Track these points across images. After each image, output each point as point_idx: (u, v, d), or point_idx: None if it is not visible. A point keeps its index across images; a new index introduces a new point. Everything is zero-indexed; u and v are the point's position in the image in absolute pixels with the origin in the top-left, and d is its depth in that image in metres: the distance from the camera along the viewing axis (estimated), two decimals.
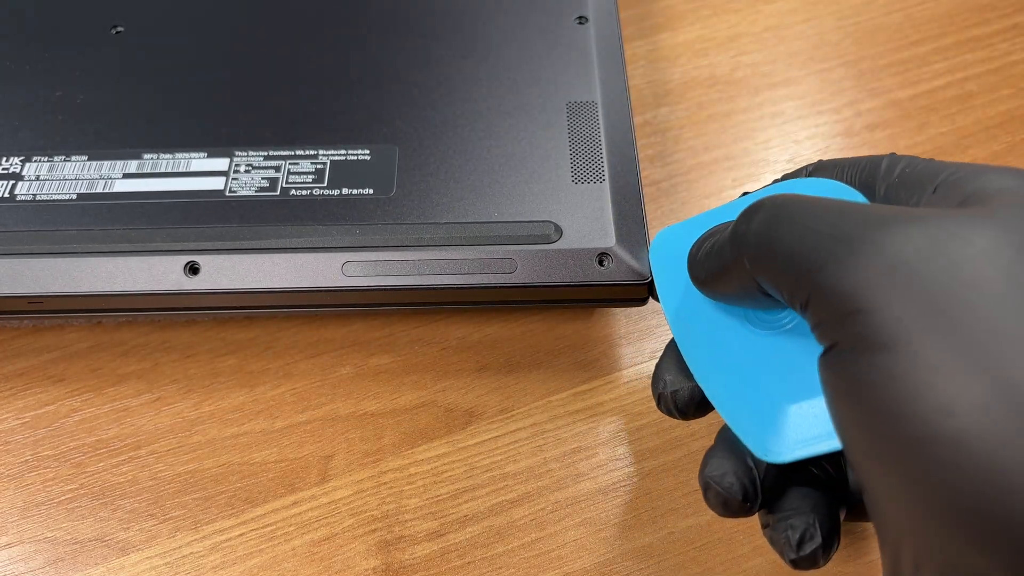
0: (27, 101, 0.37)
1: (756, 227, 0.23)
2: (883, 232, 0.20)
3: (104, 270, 0.32)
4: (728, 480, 0.24)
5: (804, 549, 0.23)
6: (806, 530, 0.23)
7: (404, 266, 0.32)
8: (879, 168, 0.25)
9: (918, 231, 0.19)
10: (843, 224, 0.20)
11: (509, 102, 0.36)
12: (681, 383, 0.27)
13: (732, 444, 0.25)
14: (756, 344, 0.25)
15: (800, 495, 0.24)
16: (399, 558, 0.31)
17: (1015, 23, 0.47)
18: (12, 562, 0.31)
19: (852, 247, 0.20)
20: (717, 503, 0.25)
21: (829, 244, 0.20)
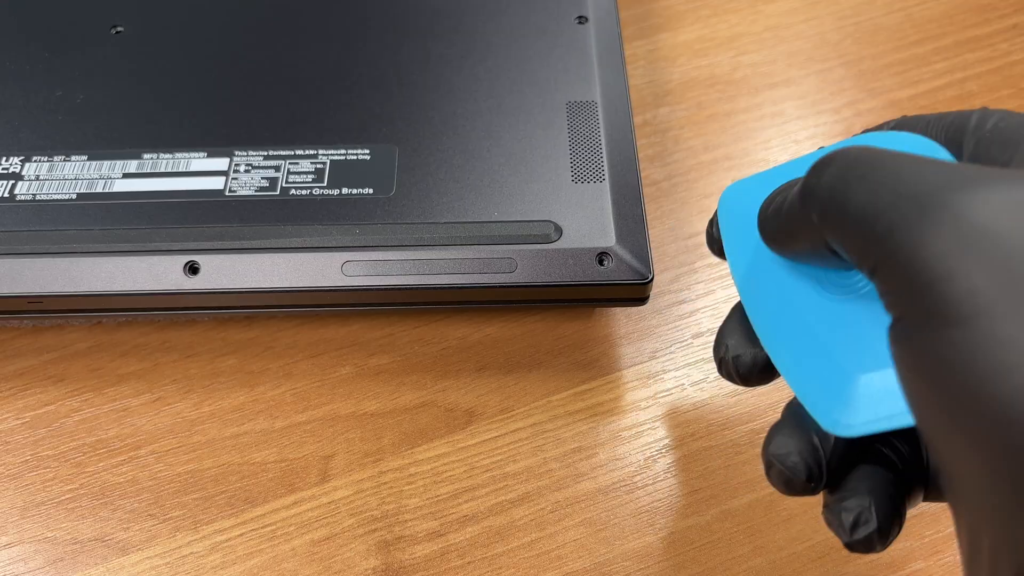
0: (27, 101, 0.37)
1: (827, 181, 0.21)
2: (964, 194, 0.18)
3: (104, 270, 0.32)
4: (792, 459, 0.23)
5: (857, 533, 0.22)
6: (860, 513, 0.22)
7: (404, 266, 0.32)
8: (968, 122, 0.23)
9: (1004, 194, 0.18)
10: (920, 183, 0.18)
11: (509, 102, 0.36)
12: (744, 348, 0.26)
13: (798, 420, 0.24)
14: (828, 308, 0.24)
15: (862, 475, 0.23)
16: (399, 558, 0.31)
17: (1015, 23, 0.47)
18: (12, 562, 0.31)
19: (928, 209, 0.18)
20: (780, 481, 0.23)
21: (903, 205, 0.18)
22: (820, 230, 0.21)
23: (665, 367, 0.36)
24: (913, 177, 0.19)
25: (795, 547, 0.32)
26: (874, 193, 0.19)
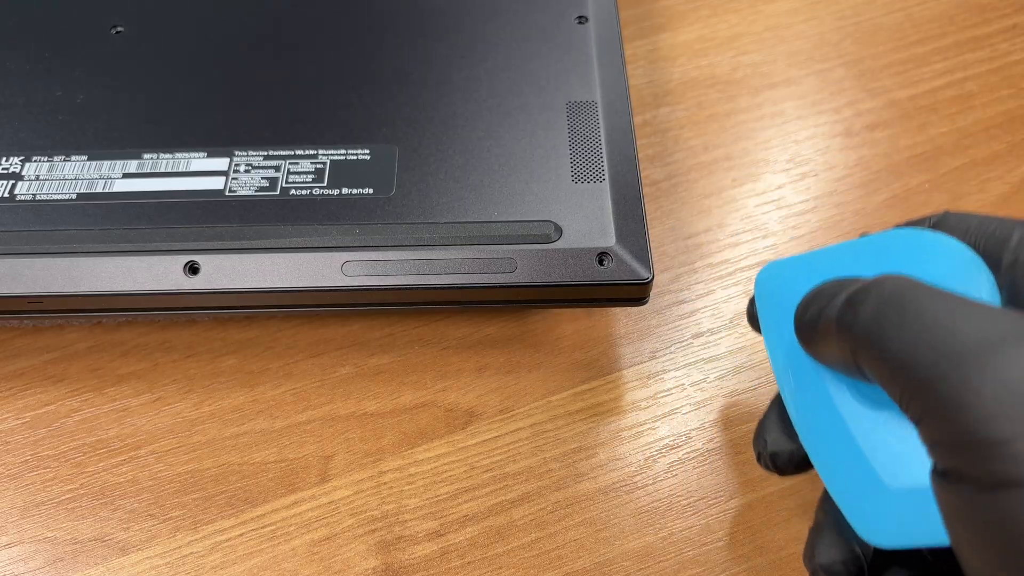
0: (27, 101, 0.37)
1: (865, 319, 0.21)
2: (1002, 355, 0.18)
3: (104, 270, 0.32)
4: (837, 568, 0.24)
5: None
6: None
7: (404, 266, 0.32)
8: (1010, 238, 0.23)
9: None
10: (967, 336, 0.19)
11: (509, 102, 0.36)
12: (782, 445, 0.26)
13: (838, 526, 0.24)
14: (865, 414, 0.24)
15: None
16: (399, 558, 0.31)
17: (1015, 23, 0.47)
18: (12, 562, 0.31)
19: (976, 366, 0.18)
20: None
21: (949, 360, 0.18)
22: (857, 363, 0.21)
23: (665, 367, 0.36)
24: (959, 328, 0.19)
25: (795, 547, 0.32)
26: (916, 343, 0.19)
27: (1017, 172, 0.41)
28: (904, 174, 0.41)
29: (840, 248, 0.27)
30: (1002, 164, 0.42)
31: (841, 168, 0.42)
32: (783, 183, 0.41)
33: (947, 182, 0.41)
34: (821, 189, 0.41)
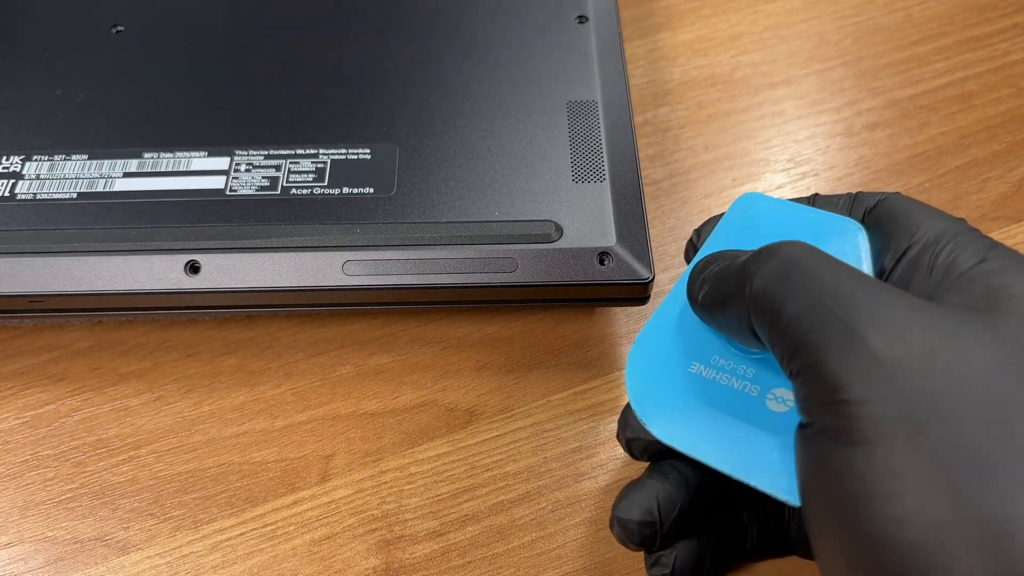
0: (27, 100, 0.37)
1: (766, 276, 0.22)
2: (885, 327, 0.20)
3: (104, 269, 0.32)
4: (631, 527, 0.26)
5: (652, 571, 0.27)
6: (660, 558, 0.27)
7: (405, 265, 0.32)
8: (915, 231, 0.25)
9: (919, 334, 0.20)
10: (850, 307, 0.21)
11: (509, 101, 0.36)
12: (641, 433, 0.28)
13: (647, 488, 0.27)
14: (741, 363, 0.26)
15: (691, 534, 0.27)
16: (399, 557, 0.31)
17: (1015, 23, 0.47)
18: (12, 562, 0.31)
19: (853, 336, 0.20)
20: (616, 539, 0.27)
21: (831, 327, 0.20)
22: (750, 318, 0.23)
23: None
24: (847, 299, 0.21)
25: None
26: (808, 306, 0.21)
27: (1017, 172, 0.41)
28: (904, 174, 0.41)
29: (826, 218, 0.28)
30: (1002, 164, 0.42)
31: (841, 168, 0.42)
32: (783, 183, 0.41)
33: (947, 182, 0.41)
34: (821, 189, 0.41)
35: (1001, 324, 0.20)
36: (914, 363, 0.19)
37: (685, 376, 0.26)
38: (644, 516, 0.26)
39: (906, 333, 0.20)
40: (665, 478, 0.27)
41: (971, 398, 0.19)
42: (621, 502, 0.27)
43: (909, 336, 0.20)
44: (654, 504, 0.26)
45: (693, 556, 0.27)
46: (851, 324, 0.20)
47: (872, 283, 0.21)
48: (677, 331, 0.28)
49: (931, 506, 0.18)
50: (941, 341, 0.20)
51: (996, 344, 0.20)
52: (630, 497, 0.27)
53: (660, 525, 0.26)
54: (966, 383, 0.19)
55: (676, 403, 0.26)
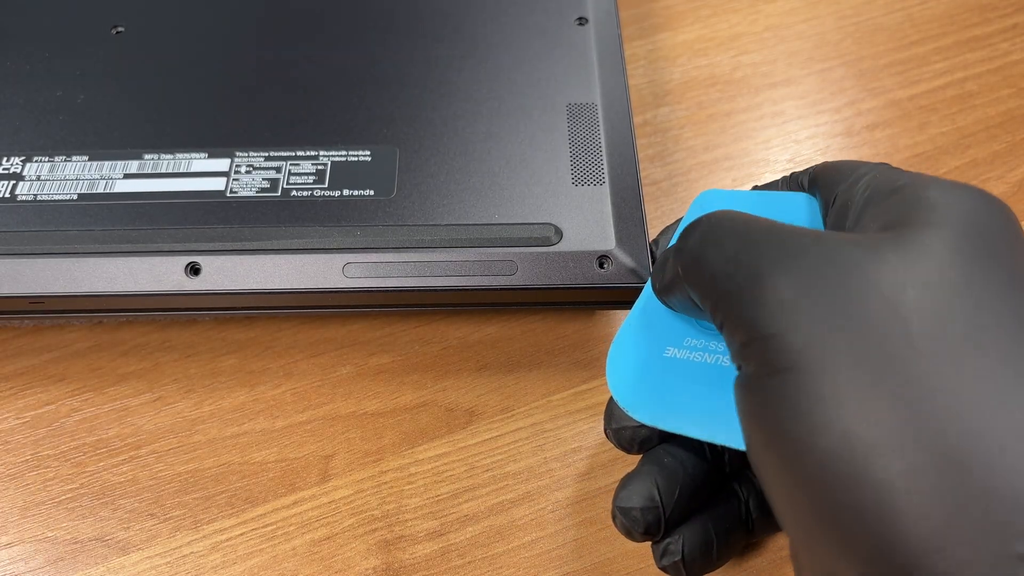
0: (28, 101, 0.37)
1: (691, 244, 0.24)
2: (789, 262, 0.21)
3: (105, 270, 0.32)
4: (635, 515, 0.27)
5: (663, 560, 0.27)
6: (669, 544, 0.27)
7: (405, 268, 0.32)
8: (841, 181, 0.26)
9: (825, 263, 0.21)
10: (758, 252, 0.22)
11: (509, 103, 0.36)
12: (627, 422, 0.28)
13: (648, 475, 0.27)
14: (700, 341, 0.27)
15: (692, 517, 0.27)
16: (399, 557, 0.31)
17: (1015, 23, 0.47)
18: (12, 562, 0.31)
19: (761, 277, 0.21)
20: (621, 530, 0.27)
21: (743, 272, 0.22)
22: (683, 284, 0.25)
23: None
24: (755, 246, 0.22)
25: None
26: (725, 260, 0.23)
27: (1017, 172, 0.41)
28: None
29: (772, 195, 0.29)
30: (1002, 164, 0.42)
31: None
32: None
33: None
34: None
35: (912, 233, 0.21)
36: (822, 289, 0.20)
37: (661, 361, 0.27)
38: (645, 502, 0.26)
39: (810, 265, 0.21)
40: (660, 464, 0.27)
41: (877, 315, 0.20)
42: (620, 493, 0.27)
43: (814, 267, 0.21)
44: (654, 489, 0.27)
45: (700, 538, 0.27)
46: (758, 269, 0.21)
47: (783, 229, 0.22)
48: (649, 323, 0.28)
49: (847, 412, 0.19)
50: (847, 264, 0.21)
51: (905, 255, 0.20)
52: (629, 487, 0.27)
53: (662, 509, 0.26)
54: (873, 301, 0.20)
55: (655, 387, 0.27)
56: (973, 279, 0.20)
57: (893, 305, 0.20)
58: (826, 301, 0.20)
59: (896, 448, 0.18)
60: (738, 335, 0.22)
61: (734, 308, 0.22)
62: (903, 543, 0.18)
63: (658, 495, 0.26)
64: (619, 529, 0.27)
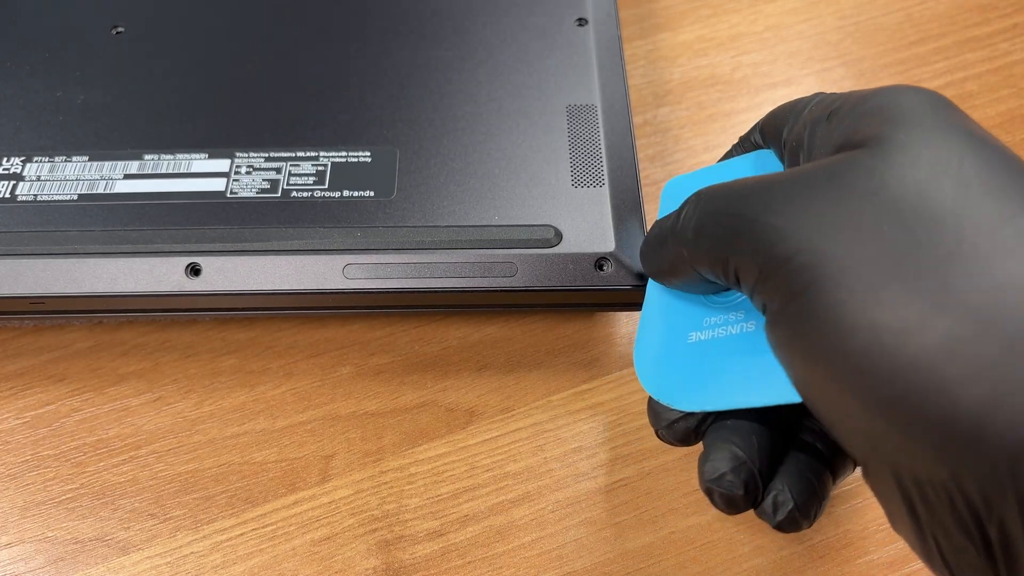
0: (28, 101, 0.37)
1: (686, 222, 0.25)
2: (782, 195, 0.23)
3: (105, 271, 0.32)
4: (728, 479, 0.25)
5: (779, 515, 0.25)
6: (776, 495, 0.25)
7: (405, 269, 0.32)
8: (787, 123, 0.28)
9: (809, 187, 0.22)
10: (749, 201, 0.23)
11: (509, 105, 0.36)
12: (675, 414, 0.28)
13: (720, 443, 0.26)
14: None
15: (780, 470, 0.26)
16: (399, 557, 0.31)
17: (1015, 23, 0.47)
18: (12, 562, 0.31)
19: (758, 218, 0.23)
20: (724, 503, 0.25)
21: (741, 222, 0.23)
22: (691, 263, 0.26)
23: None
24: (742, 202, 0.23)
25: (795, 547, 0.32)
26: (722, 222, 0.24)
27: None
28: None
29: (737, 163, 0.30)
30: None
31: None
32: None
33: None
34: None
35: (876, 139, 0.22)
36: (816, 210, 0.21)
37: (688, 348, 0.27)
38: (733, 463, 0.25)
39: (798, 191, 0.22)
40: (726, 431, 0.26)
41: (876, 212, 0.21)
42: (705, 469, 0.26)
43: (801, 192, 0.22)
44: (735, 449, 0.25)
45: (801, 481, 0.26)
46: (753, 213, 0.23)
47: (763, 177, 0.24)
48: (665, 317, 0.29)
49: (885, 303, 0.19)
50: (829, 180, 0.22)
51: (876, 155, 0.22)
52: (710, 460, 0.26)
53: (752, 463, 0.25)
54: (867, 200, 0.21)
55: (691, 374, 0.27)
56: (951, 157, 0.21)
57: (886, 200, 0.21)
58: (823, 216, 0.21)
59: (924, 324, 0.19)
60: (752, 277, 0.23)
61: (743, 256, 0.23)
62: (962, 409, 0.18)
63: (741, 452, 0.25)
64: (720, 505, 0.26)
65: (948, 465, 0.19)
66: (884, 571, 0.31)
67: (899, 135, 0.22)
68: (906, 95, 0.23)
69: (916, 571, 0.31)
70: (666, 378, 0.27)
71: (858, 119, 0.23)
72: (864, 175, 0.21)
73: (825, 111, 0.25)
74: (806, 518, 0.25)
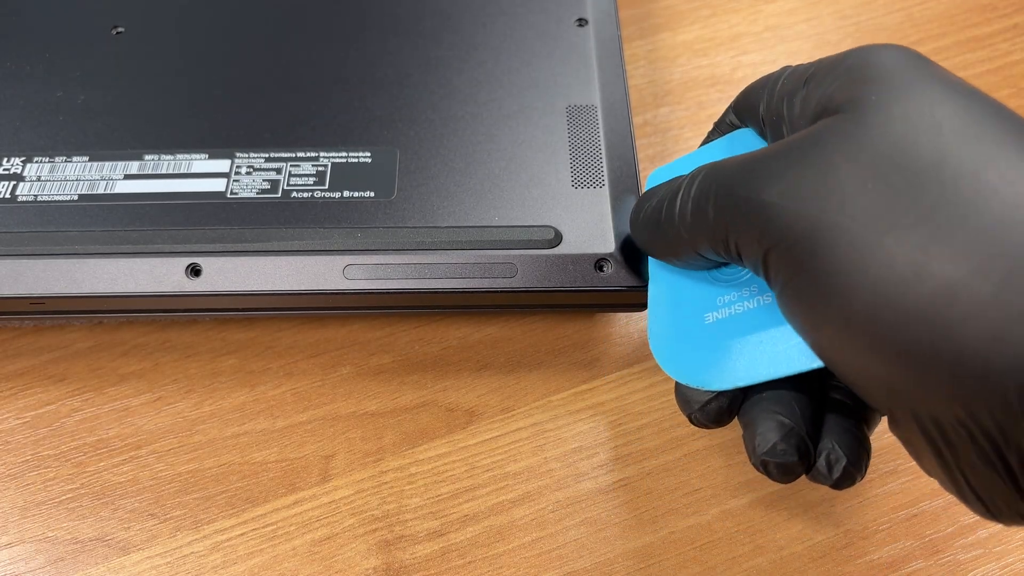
0: (28, 102, 0.37)
1: (683, 205, 0.26)
2: (773, 167, 0.23)
3: (106, 271, 0.32)
4: (780, 447, 0.25)
5: (835, 471, 0.25)
6: (829, 454, 0.25)
7: (405, 270, 0.32)
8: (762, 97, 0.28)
9: (797, 156, 0.23)
10: (741, 176, 0.24)
11: (509, 105, 0.36)
12: (706, 395, 0.28)
13: (763, 416, 0.26)
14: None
15: (822, 432, 0.26)
16: (400, 558, 0.31)
17: (1015, 23, 0.47)
18: (12, 562, 0.31)
19: (751, 195, 0.23)
20: (781, 474, 0.26)
21: (735, 198, 0.24)
22: (691, 242, 0.26)
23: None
24: (737, 174, 0.24)
25: (795, 547, 0.32)
26: (718, 200, 0.24)
27: None
28: None
29: (712, 146, 0.31)
30: None
31: None
32: None
33: None
34: None
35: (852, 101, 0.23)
36: (806, 177, 0.22)
37: (706, 329, 0.27)
38: (782, 431, 0.25)
39: (781, 172, 0.23)
40: (762, 402, 0.27)
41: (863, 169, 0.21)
42: (755, 443, 0.26)
43: (783, 173, 0.23)
44: (779, 418, 0.26)
45: (848, 436, 0.26)
46: (746, 189, 0.23)
47: (754, 157, 0.24)
48: (676, 304, 0.29)
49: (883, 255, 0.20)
50: (815, 146, 0.23)
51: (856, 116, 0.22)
52: (757, 434, 0.26)
53: (799, 428, 0.26)
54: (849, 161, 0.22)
55: (714, 354, 0.27)
56: (923, 110, 0.22)
57: (868, 161, 0.21)
58: (813, 186, 0.22)
59: (921, 273, 0.20)
60: (755, 253, 0.23)
61: (743, 235, 0.24)
62: (968, 347, 0.19)
63: (787, 420, 0.26)
64: (776, 476, 0.26)
65: (962, 402, 0.19)
66: (884, 571, 0.31)
67: (872, 95, 0.22)
68: (876, 54, 0.24)
69: (916, 571, 0.31)
70: (691, 362, 0.27)
71: (833, 84, 0.24)
72: (845, 140, 0.22)
73: (800, 80, 0.26)
74: (859, 471, 0.26)
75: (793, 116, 0.26)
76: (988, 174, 0.20)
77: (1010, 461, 0.20)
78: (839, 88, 0.24)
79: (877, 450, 0.33)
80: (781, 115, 0.26)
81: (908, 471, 0.33)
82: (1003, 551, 0.31)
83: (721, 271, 0.28)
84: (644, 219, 0.29)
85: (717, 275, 0.28)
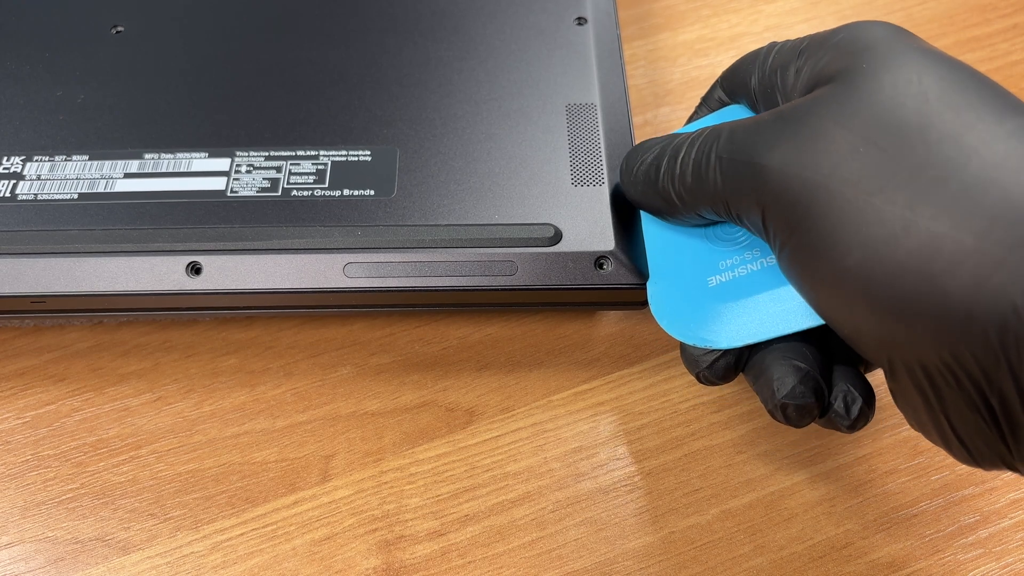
0: (28, 101, 0.37)
1: (684, 166, 0.27)
2: (769, 134, 0.25)
3: (106, 270, 0.32)
4: (799, 390, 0.26)
5: (852, 412, 0.27)
6: (845, 396, 0.27)
7: (405, 268, 0.32)
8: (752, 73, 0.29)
9: (790, 123, 0.24)
10: (743, 149, 0.25)
11: (509, 104, 0.36)
12: (713, 354, 0.28)
13: (779, 362, 0.27)
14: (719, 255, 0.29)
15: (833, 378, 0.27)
16: (400, 557, 0.31)
17: (1015, 23, 0.47)
18: (12, 562, 0.31)
19: (750, 159, 0.25)
20: (799, 416, 0.27)
21: (734, 164, 0.25)
22: (691, 203, 0.28)
23: (666, 367, 0.36)
24: (736, 140, 0.26)
25: (795, 547, 0.32)
26: (719, 165, 0.26)
27: None
28: None
29: (702, 122, 0.32)
30: None
31: None
32: None
33: None
34: None
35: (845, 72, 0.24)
36: (800, 144, 0.24)
37: (711, 292, 0.28)
38: (799, 375, 0.26)
39: (777, 137, 0.24)
40: (773, 352, 0.27)
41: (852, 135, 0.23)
42: (774, 389, 0.27)
43: (780, 138, 0.24)
44: (795, 362, 0.27)
45: (858, 380, 0.27)
46: (744, 154, 0.25)
47: (752, 123, 0.26)
48: (678, 270, 0.30)
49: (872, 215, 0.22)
50: (808, 113, 0.24)
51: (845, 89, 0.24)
52: (774, 379, 0.27)
53: (815, 371, 0.26)
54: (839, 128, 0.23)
55: (722, 314, 0.28)
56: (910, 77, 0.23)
57: (858, 126, 0.23)
58: (808, 151, 0.23)
59: (907, 229, 0.21)
60: (754, 214, 0.25)
61: (744, 195, 0.25)
62: (952, 296, 0.20)
63: (803, 364, 0.26)
64: (793, 418, 0.27)
65: (949, 347, 0.21)
66: (884, 571, 0.31)
67: (862, 66, 0.24)
68: (865, 29, 0.25)
69: (917, 571, 0.31)
70: (696, 323, 0.28)
71: (825, 56, 0.25)
72: (837, 107, 0.23)
73: (792, 52, 0.27)
74: (872, 410, 0.27)
75: (787, 87, 0.27)
76: (969, 137, 0.21)
77: (992, 403, 0.21)
78: (831, 60, 0.25)
79: (877, 450, 0.33)
80: (775, 86, 0.28)
81: (908, 471, 0.33)
82: (1003, 551, 0.31)
83: (717, 229, 0.29)
84: (640, 176, 0.30)
85: (714, 233, 0.29)
